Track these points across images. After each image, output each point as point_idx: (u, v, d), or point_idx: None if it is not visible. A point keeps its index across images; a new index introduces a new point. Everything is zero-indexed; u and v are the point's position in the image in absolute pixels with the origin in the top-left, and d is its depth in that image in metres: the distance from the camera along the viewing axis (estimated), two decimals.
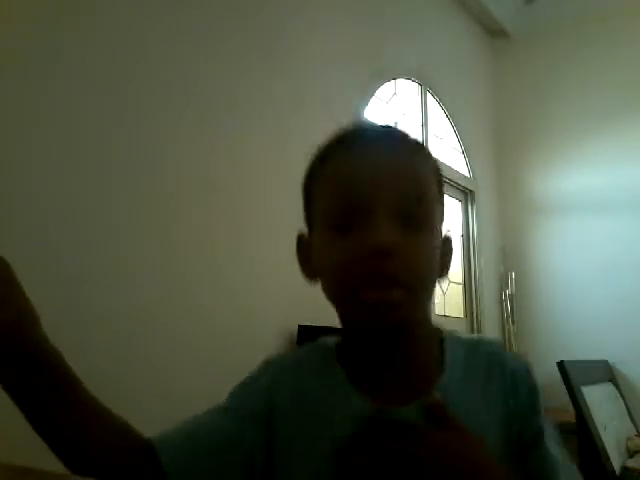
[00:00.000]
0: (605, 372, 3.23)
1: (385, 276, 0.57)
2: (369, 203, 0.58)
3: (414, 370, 0.64)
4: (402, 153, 0.63)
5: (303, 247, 0.68)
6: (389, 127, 0.67)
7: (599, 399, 2.86)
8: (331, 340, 0.69)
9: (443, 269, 0.67)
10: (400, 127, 0.67)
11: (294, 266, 0.70)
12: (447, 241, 0.68)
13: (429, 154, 0.67)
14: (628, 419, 3.13)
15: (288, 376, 0.66)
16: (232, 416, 0.64)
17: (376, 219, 0.57)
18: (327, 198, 0.62)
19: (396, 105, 3.11)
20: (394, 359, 0.63)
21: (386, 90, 3.01)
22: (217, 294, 1.83)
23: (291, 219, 0.81)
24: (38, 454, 0.58)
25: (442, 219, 0.68)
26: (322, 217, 0.62)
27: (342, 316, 0.65)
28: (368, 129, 0.67)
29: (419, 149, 0.66)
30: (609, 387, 3.17)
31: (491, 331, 3.57)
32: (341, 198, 0.60)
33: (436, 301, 3.14)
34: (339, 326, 0.68)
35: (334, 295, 0.62)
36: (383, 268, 0.56)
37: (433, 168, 0.67)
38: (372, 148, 0.62)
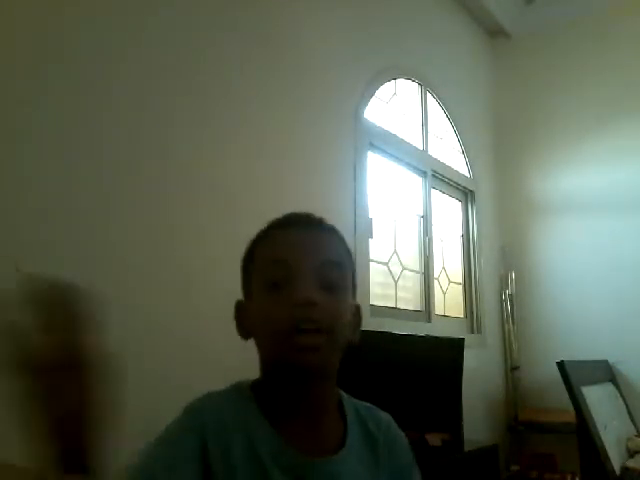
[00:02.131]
0: (605, 372, 3.24)
1: (311, 323, 0.71)
2: (297, 271, 0.73)
3: (325, 418, 0.77)
4: (321, 234, 0.79)
5: (240, 311, 0.80)
6: (311, 215, 0.81)
7: (599, 399, 2.87)
8: (245, 384, 0.78)
9: (355, 332, 0.80)
10: (318, 216, 0.82)
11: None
12: (357, 309, 0.82)
13: (341, 236, 0.82)
14: (628, 419, 3.13)
15: (214, 426, 0.71)
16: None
17: (302, 282, 0.72)
18: (263, 269, 0.76)
19: (396, 105, 3.11)
20: (310, 402, 0.75)
21: (386, 90, 3.01)
22: (217, 293, 1.83)
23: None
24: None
25: (354, 291, 0.81)
26: (259, 284, 0.76)
27: (271, 359, 0.76)
28: (294, 217, 0.80)
29: (333, 231, 0.81)
30: (609, 387, 3.17)
31: (491, 331, 3.57)
32: (275, 268, 0.74)
33: (436, 301, 3.14)
34: None
35: (270, 342, 0.74)
36: (309, 316, 0.71)
37: (345, 247, 0.82)
38: (297, 229, 0.78)
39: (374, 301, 2.68)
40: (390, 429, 0.82)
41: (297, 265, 0.73)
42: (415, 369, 2.17)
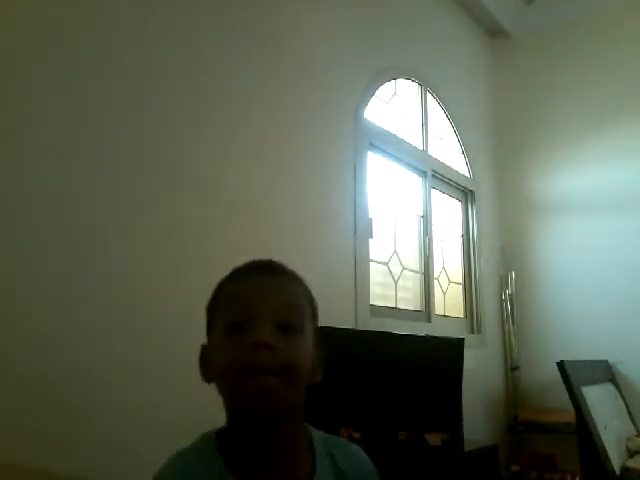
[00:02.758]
0: (605, 372, 3.23)
1: (263, 367, 0.71)
2: (254, 315, 0.74)
3: (292, 457, 0.77)
4: (279, 279, 0.80)
5: (204, 354, 0.82)
6: (271, 262, 0.83)
7: (599, 399, 2.87)
8: (210, 436, 0.78)
9: (316, 373, 0.80)
10: (279, 261, 0.83)
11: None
12: (319, 352, 0.82)
13: (301, 281, 0.83)
14: (628, 419, 3.13)
15: None
16: None
17: (258, 325, 0.73)
18: (224, 311, 0.78)
19: (396, 105, 3.11)
20: (274, 444, 0.75)
21: (386, 90, 3.01)
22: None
23: (290, 214, 0.82)
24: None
25: (315, 329, 0.82)
26: (220, 325, 0.77)
27: (229, 403, 0.76)
28: (254, 264, 0.82)
29: (292, 277, 0.83)
30: (609, 387, 3.17)
31: (491, 331, 3.57)
32: (234, 310, 0.76)
33: (436, 301, 3.14)
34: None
35: (225, 385, 0.75)
36: (261, 360, 0.71)
37: (304, 291, 0.83)
38: (256, 275, 0.80)
39: (374, 301, 2.68)
40: (360, 463, 0.84)
41: (255, 309, 0.75)
42: (415, 369, 2.17)
